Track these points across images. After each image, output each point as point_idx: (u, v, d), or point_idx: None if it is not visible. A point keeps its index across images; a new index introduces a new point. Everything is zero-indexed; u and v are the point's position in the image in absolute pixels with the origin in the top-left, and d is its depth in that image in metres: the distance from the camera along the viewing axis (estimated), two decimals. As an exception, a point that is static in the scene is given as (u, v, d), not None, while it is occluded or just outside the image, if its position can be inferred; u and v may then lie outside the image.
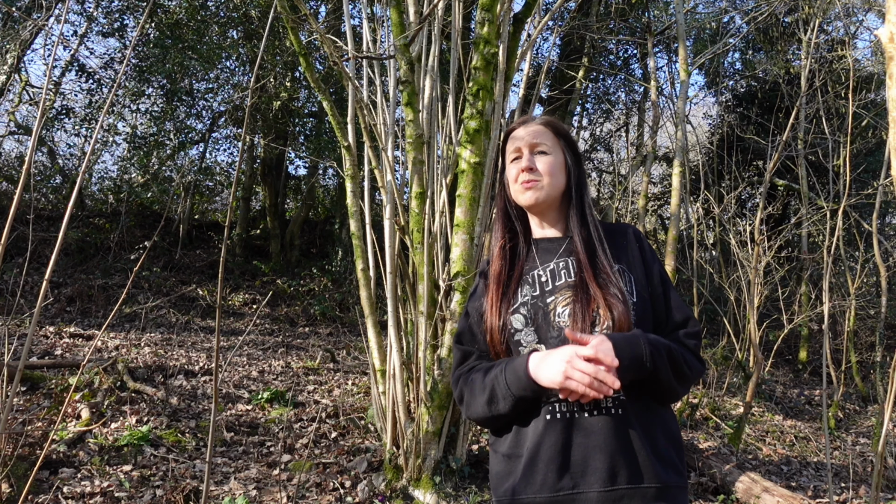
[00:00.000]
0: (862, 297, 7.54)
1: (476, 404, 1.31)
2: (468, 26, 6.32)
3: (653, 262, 1.37)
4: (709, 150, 10.11)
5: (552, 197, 1.38)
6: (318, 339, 7.31)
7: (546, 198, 1.37)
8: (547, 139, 1.39)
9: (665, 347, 1.24)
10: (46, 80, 1.82)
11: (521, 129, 1.42)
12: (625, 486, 1.18)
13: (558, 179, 1.38)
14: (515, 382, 1.23)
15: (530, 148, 1.38)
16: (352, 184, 3.62)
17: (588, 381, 1.14)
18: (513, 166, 1.41)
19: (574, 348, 1.17)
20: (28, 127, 10.79)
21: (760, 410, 6.03)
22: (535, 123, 1.42)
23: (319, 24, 3.45)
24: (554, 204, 1.40)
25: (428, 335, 3.18)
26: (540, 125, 1.42)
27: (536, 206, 1.38)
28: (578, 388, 1.14)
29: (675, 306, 1.34)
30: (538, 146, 1.38)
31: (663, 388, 1.25)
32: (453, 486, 3.22)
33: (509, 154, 1.42)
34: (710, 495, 3.76)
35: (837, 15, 8.49)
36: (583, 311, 1.26)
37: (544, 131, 1.40)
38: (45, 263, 7.68)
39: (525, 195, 1.37)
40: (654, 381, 1.23)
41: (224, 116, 9.89)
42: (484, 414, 1.30)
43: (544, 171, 1.36)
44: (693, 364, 1.29)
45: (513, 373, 1.24)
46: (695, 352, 1.31)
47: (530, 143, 1.38)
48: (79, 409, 3.76)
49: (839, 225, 4.95)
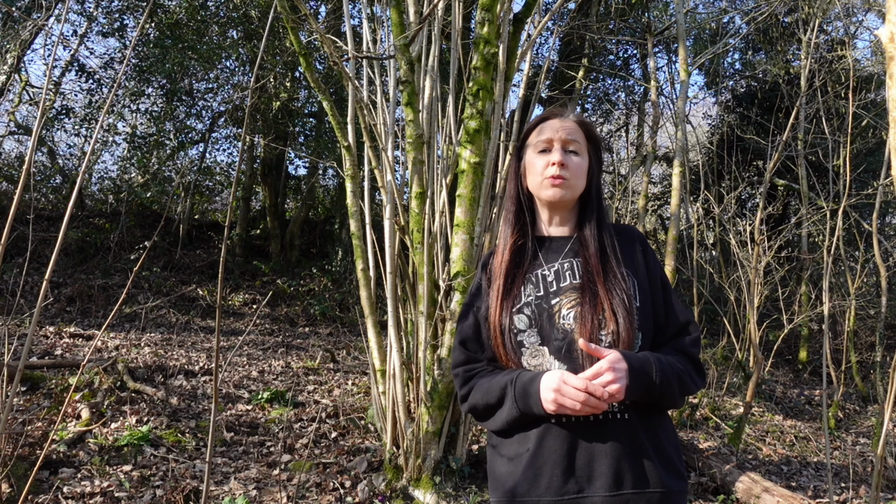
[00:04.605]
0: (862, 297, 7.54)
1: (480, 406, 1.32)
2: (468, 26, 6.32)
3: (655, 265, 1.36)
4: (709, 150, 10.11)
5: (574, 198, 1.37)
6: (318, 339, 7.31)
7: (570, 197, 1.36)
8: (580, 139, 1.36)
9: (675, 373, 1.24)
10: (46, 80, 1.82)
11: (556, 121, 1.37)
12: (630, 491, 1.19)
13: (582, 182, 1.36)
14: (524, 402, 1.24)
15: (563, 144, 1.35)
16: (352, 184, 3.62)
17: (580, 407, 1.15)
18: (540, 157, 1.36)
19: (562, 375, 1.18)
20: (28, 127, 10.80)
21: (760, 410, 6.03)
22: (570, 120, 1.38)
23: (319, 24, 3.45)
24: (570, 204, 1.38)
25: (428, 335, 3.18)
26: (575, 123, 1.38)
27: (557, 203, 1.36)
28: (573, 413, 1.17)
29: (675, 311, 1.34)
30: (571, 144, 1.35)
31: (664, 405, 1.27)
32: (453, 486, 3.22)
33: (538, 143, 1.37)
34: (710, 495, 3.76)
35: (837, 15, 8.49)
36: (591, 313, 1.25)
37: (578, 131, 1.37)
38: (45, 263, 7.68)
39: (551, 191, 1.34)
40: (658, 402, 1.24)
41: (224, 116, 9.89)
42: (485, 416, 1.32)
43: (573, 171, 1.34)
44: (696, 379, 1.30)
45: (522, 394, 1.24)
46: (697, 364, 1.32)
47: (564, 139, 1.35)
48: (79, 409, 3.76)
49: (839, 225, 4.95)
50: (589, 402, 1.14)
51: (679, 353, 1.30)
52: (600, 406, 1.15)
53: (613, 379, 1.15)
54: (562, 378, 1.17)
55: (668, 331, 1.32)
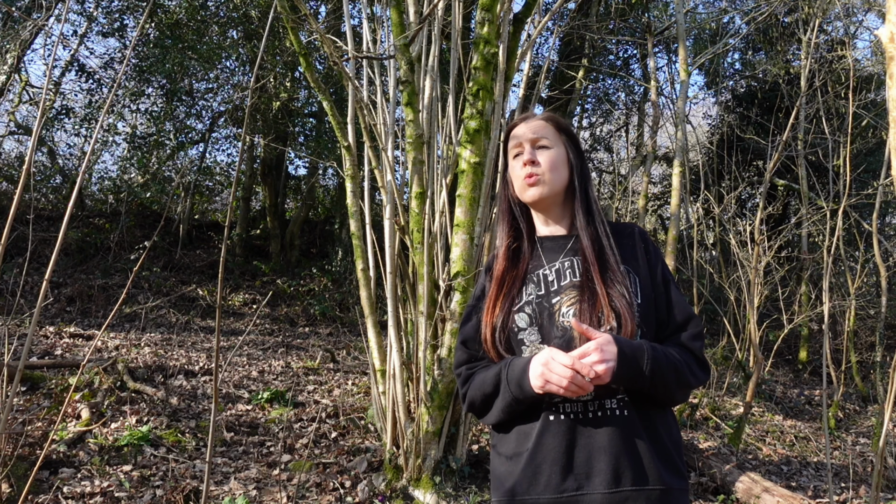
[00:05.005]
0: (862, 297, 7.54)
1: (477, 398, 1.33)
2: (468, 26, 6.32)
3: (656, 261, 1.36)
4: (709, 150, 10.11)
5: (555, 192, 1.37)
6: (318, 339, 7.31)
7: (550, 193, 1.36)
8: (548, 133, 1.39)
9: (671, 363, 1.23)
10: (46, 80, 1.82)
11: (521, 126, 1.41)
12: (629, 488, 1.18)
13: (561, 174, 1.37)
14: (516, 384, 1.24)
15: (532, 143, 1.38)
16: (352, 184, 3.62)
17: (566, 383, 1.14)
18: (515, 162, 1.40)
19: (550, 352, 1.18)
20: (28, 127, 10.79)
21: (760, 410, 6.03)
22: (535, 119, 1.42)
23: (319, 24, 3.45)
24: (558, 199, 1.39)
25: (428, 335, 3.18)
26: (541, 120, 1.41)
27: (541, 202, 1.38)
28: (558, 391, 1.16)
29: (676, 306, 1.33)
30: (539, 140, 1.38)
31: (661, 398, 1.26)
32: (453, 486, 3.22)
33: (511, 151, 1.42)
34: (710, 495, 3.76)
35: (837, 15, 8.49)
36: (589, 310, 1.25)
37: (545, 126, 1.40)
38: (45, 263, 7.68)
39: (529, 192, 1.36)
40: (652, 392, 1.23)
41: (224, 116, 9.89)
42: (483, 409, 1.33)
43: (546, 165, 1.36)
44: (697, 373, 1.29)
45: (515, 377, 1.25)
46: (699, 357, 1.31)
47: (531, 138, 1.38)
48: (79, 409, 3.76)
49: (839, 225, 4.95)
50: (575, 380, 1.14)
51: (680, 346, 1.30)
52: (586, 386, 1.15)
53: (600, 359, 1.14)
54: (551, 355, 1.17)
55: (670, 326, 1.32)
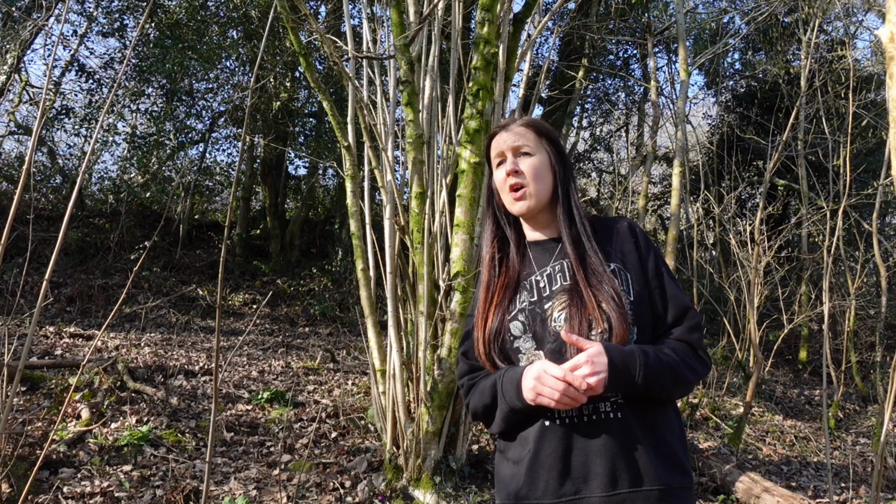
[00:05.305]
0: (862, 297, 7.54)
1: (479, 409, 1.34)
2: (468, 26, 6.32)
3: (648, 253, 1.33)
4: (709, 150, 10.11)
5: (542, 201, 1.36)
6: (318, 339, 7.31)
7: (537, 204, 1.36)
8: (529, 140, 1.37)
9: (665, 365, 1.22)
10: (46, 80, 1.82)
11: (502, 134, 1.40)
12: (626, 490, 1.18)
13: (545, 182, 1.36)
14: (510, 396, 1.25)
15: (513, 151, 1.37)
16: (352, 184, 3.62)
17: (558, 396, 1.15)
18: (499, 171, 1.39)
19: (543, 365, 1.18)
20: (28, 127, 10.80)
21: (760, 410, 6.03)
22: (516, 126, 1.40)
23: (319, 24, 3.45)
24: (544, 206, 1.38)
25: (428, 335, 3.18)
26: (521, 126, 1.39)
27: (529, 214, 1.38)
28: (550, 404, 1.17)
29: (672, 298, 1.31)
30: (521, 148, 1.37)
31: (659, 398, 1.25)
32: (453, 486, 3.22)
33: (494, 159, 1.41)
34: (710, 495, 3.76)
35: (837, 15, 8.50)
36: (579, 314, 1.24)
37: (526, 132, 1.38)
38: (45, 263, 7.68)
39: (517, 206, 1.36)
40: (648, 395, 1.23)
41: (224, 116, 9.89)
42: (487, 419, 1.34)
43: (530, 175, 1.34)
44: (696, 367, 1.27)
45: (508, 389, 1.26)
46: (698, 349, 1.29)
47: (513, 145, 1.37)
48: (79, 409, 3.76)
49: (839, 225, 4.95)
50: (568, 393, 1.14)
51: (678, 340, 1.28)
52: (579, 398, 1.15)
53: (591, 372, 1.14)
54: (543, 367, 1.18)
55: (667, 320, 1.30)
